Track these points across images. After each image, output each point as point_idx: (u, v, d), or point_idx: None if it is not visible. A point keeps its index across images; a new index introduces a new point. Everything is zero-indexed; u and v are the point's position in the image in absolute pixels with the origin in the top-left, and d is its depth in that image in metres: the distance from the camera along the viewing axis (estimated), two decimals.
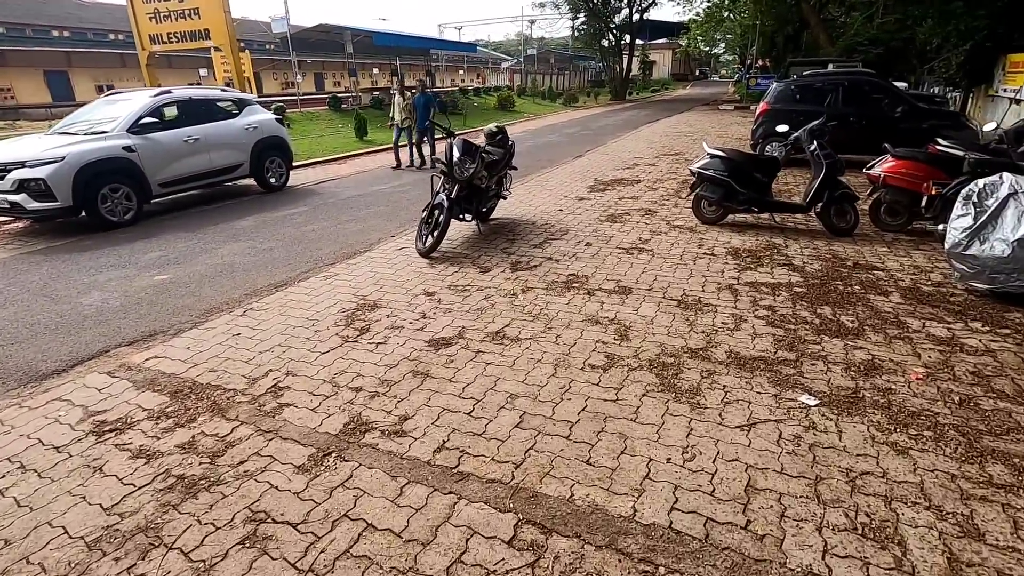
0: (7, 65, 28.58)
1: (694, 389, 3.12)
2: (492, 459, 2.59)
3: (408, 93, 11.74)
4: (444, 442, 2.73)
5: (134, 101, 7.94)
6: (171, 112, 8.35)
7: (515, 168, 6.99)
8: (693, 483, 2.39)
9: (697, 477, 2.43)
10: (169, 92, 8.37)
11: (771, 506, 2.26)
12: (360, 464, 2.58)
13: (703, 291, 4.55)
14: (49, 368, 3.65)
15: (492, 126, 6.78)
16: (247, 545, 2.14)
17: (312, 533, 2.19)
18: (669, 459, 2.55)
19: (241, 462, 2.63)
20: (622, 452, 2.61)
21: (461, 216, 5.99)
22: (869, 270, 4.91)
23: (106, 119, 7.70)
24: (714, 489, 2.35)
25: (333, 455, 2.66)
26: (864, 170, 6.12)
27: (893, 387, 3.08)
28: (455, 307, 4.37)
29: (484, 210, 6.53)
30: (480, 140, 6.61)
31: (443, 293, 4.68)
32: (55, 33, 34.03)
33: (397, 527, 2.20)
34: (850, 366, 3.31)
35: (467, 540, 2.12)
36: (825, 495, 2.30)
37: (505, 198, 6.95)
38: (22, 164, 6.65)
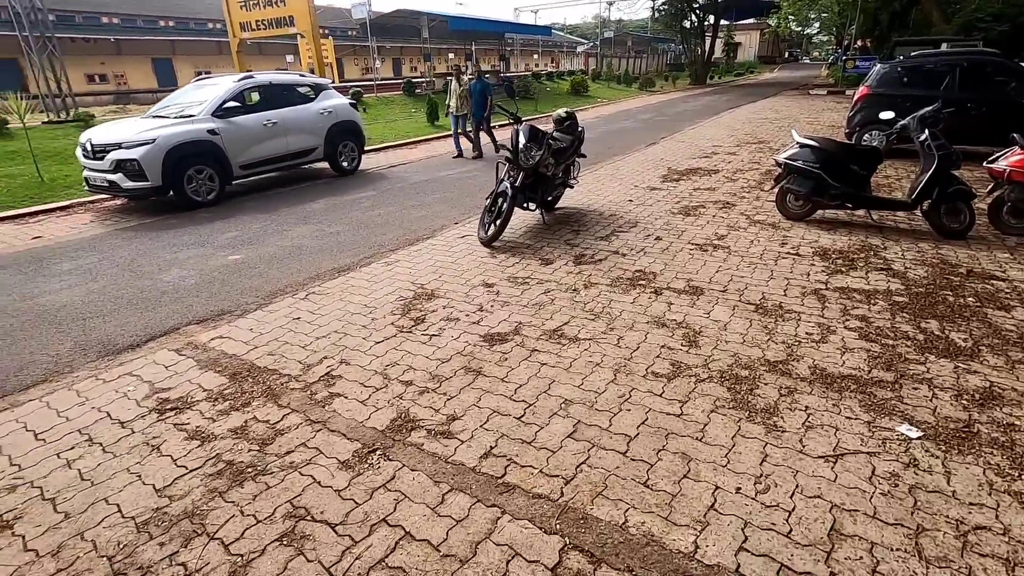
0: (121, 54, 31.19)
1: (771, 408, 2.79)
2: (541, 471, 2.41)
3: (465, 79, 11.19)
4: (491, 448, 2.58)
5: (219, 86, 8.30)
6: (253, 96, 8.67)
7: (584, 156, 6.70)
8: (766, 520, 2.11)
9: (771, 513, 2.14)
10: (251, 77, 8.68)
11: (860, 557, 1.94)
12: (403, 465, 2.49)
13: (785, 295, 4.13)
14: (125, 342, 3.83)
15: (561, 111, 6.51)
16: (284, 543, 2.09)
17: (349, 536, 2.11)
18: (739, 489, 2.27)
19: (288, 452, 2.61)
20: (685, 476, 2.36)
21: (525, 205, 5.81)
22: (987, 279, 4.29)
23: (194, 103, 8.10)
24: (791, 530, 2.06)
25: (378, 452, 2.58)
26: (985, 164, 5.34)
27: (1017, 423, 2.62)
28: (513, 300, 4.21)
29: (549, 199, 6.31)
30: (549, 126, 6.37)
31: (502, 285, 4.52)
32: (161, 23, 36.67)
33: (436, 539, 2.08)
34: (962, 393, 2.85)
35: (508, 562, 1.97)
36: (928, 550, 1.96)
37: (572, 187, 6.69)
38: (119, 145, 7.11)
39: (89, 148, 7.30)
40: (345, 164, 9.80)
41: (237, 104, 8.20)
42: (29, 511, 2.30)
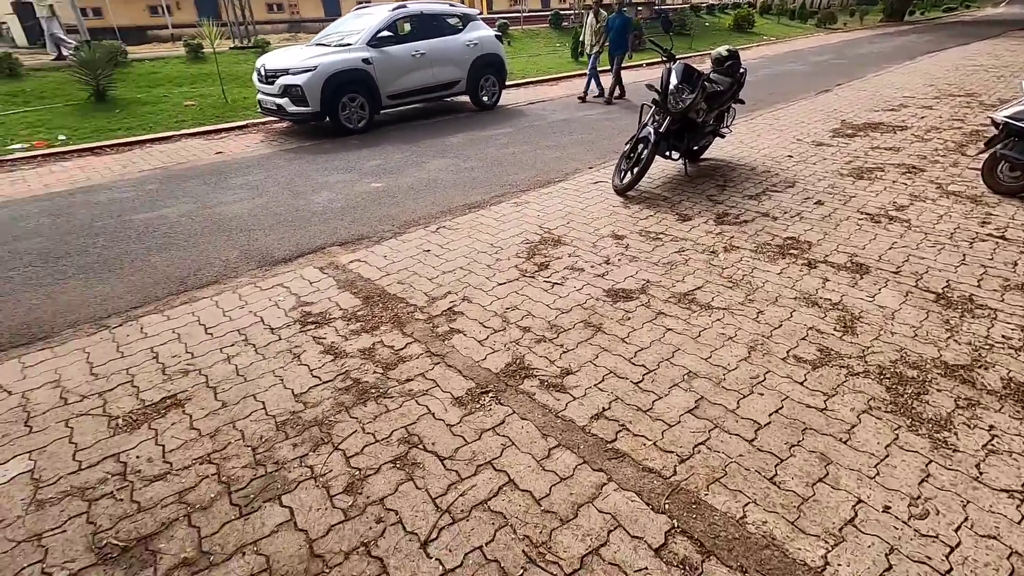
0: None
1: (942, 420, 2.36)
2: (654, 444, 2.28)
3: (603, 12, 10.26)
4: (604, 409, 2.49)
5: (375, 16, 8.54)
6: (405, 27, 8.83)
7: (742, 102, 5.98)
8: (919, 551, 1.81)
9: (927, 545, 1.83)
10: (405, 7, 8.80)
11: None
12: (514, 411, 2.49)
13: (978, 287, 3.43)
14: (280, 256, 4.23)
15: (722, 49, 5.79)
16: (398, 466, 2.21)
17: (456, 472, 2.17)
18: (888, 507, 1.96)
19: (408, 380, 2.73)
20: (821, 479, 2.09)
21: (668, 153, 5.37)
22: None
23: (353, 32, 8.44)
24: (951, 570, 1.75)
25: (490, 394, 2.61)
26: None
27: None
28: (642, 256, 3.97)
29: (695, 148, 5.80)
30: (705, 66, 5.73)
31: (632, 238, 4.28)
32: None
33: (538, 492, 2.07)
34: None
35: (609, 532, 1.90)
36: None
37: (723, 136, 6.04)
38: (286, 71, 7.68)
39: (263, 73, 7.98)
40: (485, 99, 9.77)
41: (390, 34, 8.41)
42: (197, 395, 2.67)
